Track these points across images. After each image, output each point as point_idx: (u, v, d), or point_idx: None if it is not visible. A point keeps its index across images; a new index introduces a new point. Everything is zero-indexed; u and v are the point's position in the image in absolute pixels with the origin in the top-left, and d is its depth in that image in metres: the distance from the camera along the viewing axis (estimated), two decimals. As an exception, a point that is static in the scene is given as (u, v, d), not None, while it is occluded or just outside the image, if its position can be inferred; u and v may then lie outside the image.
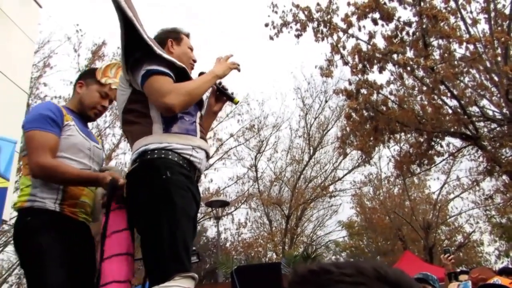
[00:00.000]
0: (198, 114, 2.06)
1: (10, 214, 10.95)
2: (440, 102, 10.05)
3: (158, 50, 1.92)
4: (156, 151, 1.84)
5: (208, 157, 2.05)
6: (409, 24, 9.61)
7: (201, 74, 2.13)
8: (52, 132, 1.98)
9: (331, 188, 19.97)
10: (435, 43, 9.79)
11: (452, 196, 18.67)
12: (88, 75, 2.26)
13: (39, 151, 1.93)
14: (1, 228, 13.71)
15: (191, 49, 2.25)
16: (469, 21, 9.59)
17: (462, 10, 9.54)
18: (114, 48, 18.11)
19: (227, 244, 19.57)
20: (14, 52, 10.56)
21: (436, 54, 9.83)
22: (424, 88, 10.08)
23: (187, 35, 2.27)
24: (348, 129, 11.43)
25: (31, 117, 2.05)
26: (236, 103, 2.34)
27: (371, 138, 10.55)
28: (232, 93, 2.26)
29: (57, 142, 2.00)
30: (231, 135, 18.47)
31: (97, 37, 27.83)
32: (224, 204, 12.37)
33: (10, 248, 17.91)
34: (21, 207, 1.97)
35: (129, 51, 1.93)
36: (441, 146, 10.66)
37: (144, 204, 1.79)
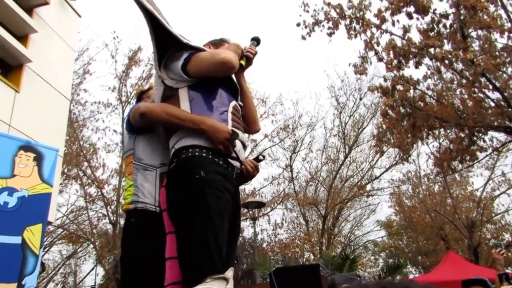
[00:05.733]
0: (233, 103, 2.04)
1: (55, 216, 11.39)
2: (482, 95, 9.64)
3: (185, 39, 1.99)
4: (190, 149, 1.84)
5: (244, 147, 2.03)
6: (445, 16, 9.28)
7: None
8: None
9: (368, 187, 19.66)
10: (474, 34, 9.41)
11: (497, 192, 17.96)
12: None
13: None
14: (47, 229, 14.32)
15: None
16: (510, 9, 9.15)
17: (503, -2, 9.12)
18: (149, 53, 18.55)
19: (264, 245, 19.60)
20: (56, 61, 11.05)
21: (476, 46, 9.45)
22: (464, 81, 9.71)
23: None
24: (384, 126, 11.18)
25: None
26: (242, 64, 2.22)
27: (409, 135, 10.25)
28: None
29: None
30: (266, 136, 18.53)
31: (133, 43, 28.58)
32: (260, 205, 12.39)
33: (55, 248, 18.77)
34: (127, 209, 2.13)
35: (162, 50, 2.00)
36: (484, 141, 10.22)
37: (179, 205, 1.79)
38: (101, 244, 16.80)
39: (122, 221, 16.24)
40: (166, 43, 1.99)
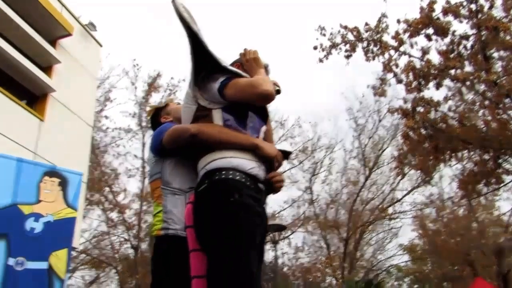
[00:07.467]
0: (263, 128, 2.05)
1: (79, 241, 11.48)
2: (506, 117, 9.46)
3: (223, 63, 1.98)
4: (223, 172, 1.82)
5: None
6: (466, 37, 9.23)
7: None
8: None
9: (390, 210, 19.29)
10: (495, 54, 9.32)
11: (525, 217, 17.31)
12: None
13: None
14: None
15: None
16: (533, 30, 9.05)
17: (525, 18, 9.04)
18: (168, 79, 18.95)
19: (285, 269, 19.30)
20: (79, 89, 11.37)
21: (498, 66, 9.34)
22: (486, 102, 9.55)
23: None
24: (405, 148, 11.03)
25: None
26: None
27: (431, 157, 10.07)
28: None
29: None
30: (285, 158, 18.45)
31: (152, 69, 29.23)
32: (281, 228, 12.25)
33: (78, 273, 18.83)
34: (158, 235, 2.10)
35: (199, 68, 1.99)
36: (510, 164, 9.97)
37: (210, 226, 1.76)
38: (123, 269, 16.81)
39: (143, 246, 16.26)
40: (203, 63, 1.98)
